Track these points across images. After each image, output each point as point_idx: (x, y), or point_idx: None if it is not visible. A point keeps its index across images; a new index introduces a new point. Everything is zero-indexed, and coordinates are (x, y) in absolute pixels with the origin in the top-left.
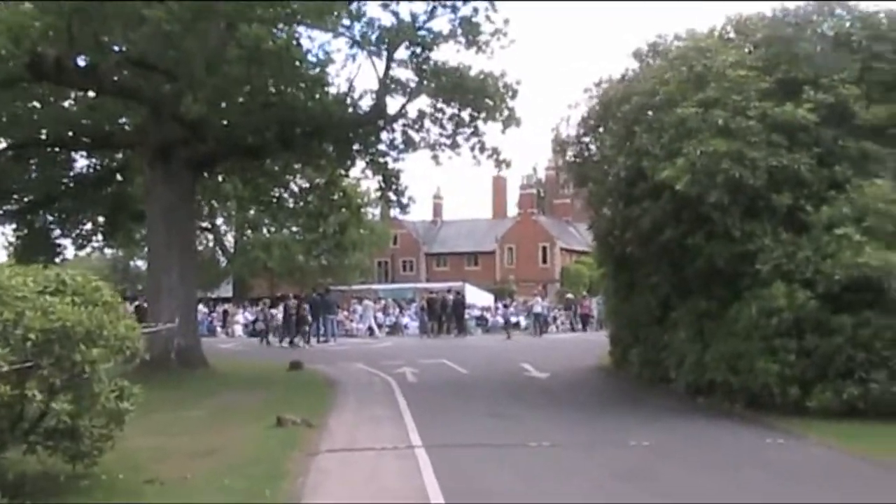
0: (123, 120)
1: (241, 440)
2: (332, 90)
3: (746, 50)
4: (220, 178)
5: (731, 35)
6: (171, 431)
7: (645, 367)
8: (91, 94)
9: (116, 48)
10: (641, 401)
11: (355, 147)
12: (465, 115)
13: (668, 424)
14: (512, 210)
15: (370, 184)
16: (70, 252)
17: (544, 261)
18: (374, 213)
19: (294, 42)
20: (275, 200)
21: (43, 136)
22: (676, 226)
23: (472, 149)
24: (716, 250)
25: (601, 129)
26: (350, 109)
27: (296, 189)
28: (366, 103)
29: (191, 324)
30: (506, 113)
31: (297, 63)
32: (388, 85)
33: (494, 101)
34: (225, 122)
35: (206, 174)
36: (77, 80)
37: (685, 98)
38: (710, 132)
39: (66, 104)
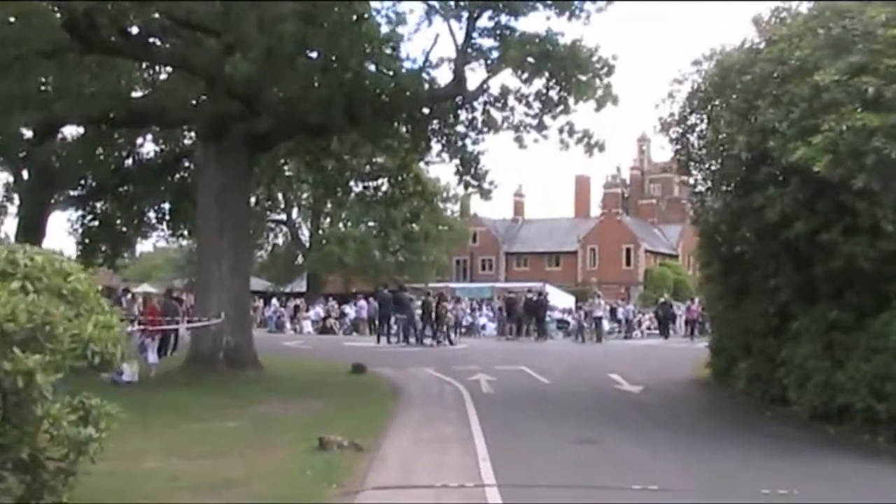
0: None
1: (270, 467)
2: (406, 64)
3: None
4: (282, 161)
5: None
6: (193, 451)
7: (754, 384)
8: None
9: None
10: (756, 426)
11: (430, 127)
12: (554, 94)
13: (801, 461)
14: (595, 210)
15: (448, 174)
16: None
17: (628, 263)
18: (453, 209)
19: None
20: (342, 187)
21: (96, 115)
22: (809, 218)
23: (561, 131)
24: (858, 248)
25: (712, 107)
26: (426, 85)
27: (365, 173)
28: (443, 78)
29: (243, 319)
30: (599, 91)
31: (361, 20)
32: (467, 55)
33: (587, 75)
34: (283, 96)
35: (264, 155)
36: (118, 44)
37: (819, 67)
38: (854, 104)
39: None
